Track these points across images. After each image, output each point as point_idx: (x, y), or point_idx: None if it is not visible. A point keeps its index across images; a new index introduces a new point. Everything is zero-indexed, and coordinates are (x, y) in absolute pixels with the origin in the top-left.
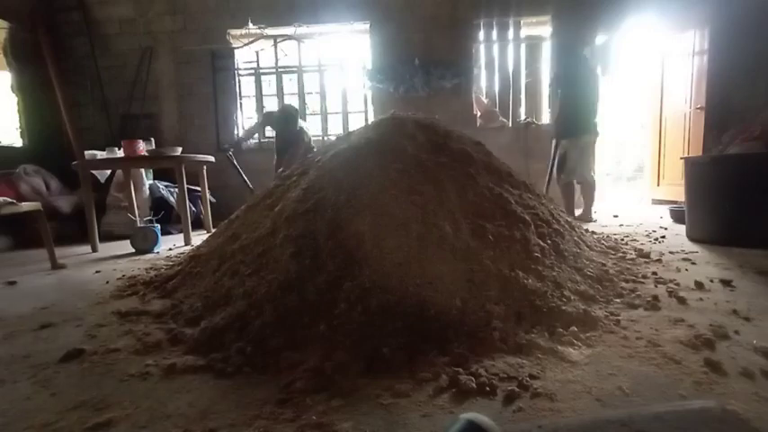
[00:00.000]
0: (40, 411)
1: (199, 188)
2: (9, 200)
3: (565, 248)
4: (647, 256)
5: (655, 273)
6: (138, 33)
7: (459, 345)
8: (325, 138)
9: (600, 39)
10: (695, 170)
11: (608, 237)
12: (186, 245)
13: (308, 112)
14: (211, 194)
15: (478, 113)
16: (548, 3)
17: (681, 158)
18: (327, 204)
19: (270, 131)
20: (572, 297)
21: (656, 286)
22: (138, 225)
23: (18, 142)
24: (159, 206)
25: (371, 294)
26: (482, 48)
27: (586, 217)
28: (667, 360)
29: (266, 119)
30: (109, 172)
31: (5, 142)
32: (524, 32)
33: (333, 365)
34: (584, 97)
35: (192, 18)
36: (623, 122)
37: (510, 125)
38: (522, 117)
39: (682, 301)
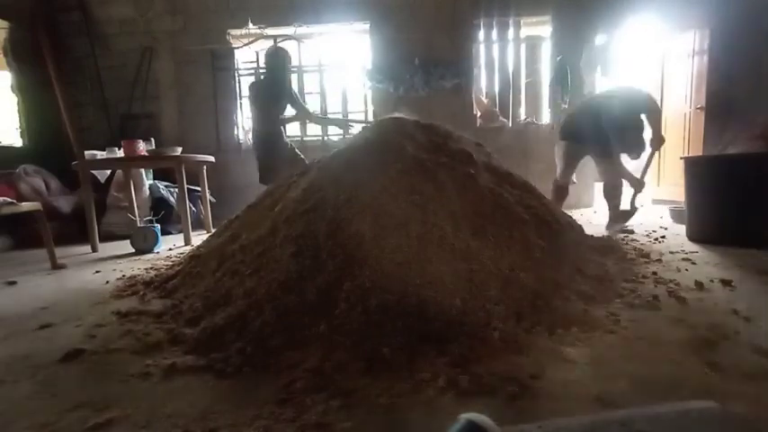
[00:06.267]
0: (40, 411)
1: (199, 188)
2: (9, 200)
3: (565, 248)
4: (647, 256)
5: (655, 273)
6: (138, 33)
7: (460, 345)
8: (326, 138)
9: (600, 39)
10: (695, 170)
11: (608, 237)
12: (186, 245)
13: None
14: (211, 194)
15: (478, 113)
16: (548, 3)
17: (681, 158)
18: (327, 204)
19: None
20: (572, 297)
21: (656, 286)
22: (138, 225)
23: (18, 142)
24: (159, 206)
25: (371, 294)
26: (482, 48)
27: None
28: (667, 360)
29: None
30: (109, 172)
31: (5, 142)
32: (524, 32)
33: (333, 365)
34: None
35: (192, 18)
36: None
37: (510, 125)
38: (522, 117)
39: (682, 301)
